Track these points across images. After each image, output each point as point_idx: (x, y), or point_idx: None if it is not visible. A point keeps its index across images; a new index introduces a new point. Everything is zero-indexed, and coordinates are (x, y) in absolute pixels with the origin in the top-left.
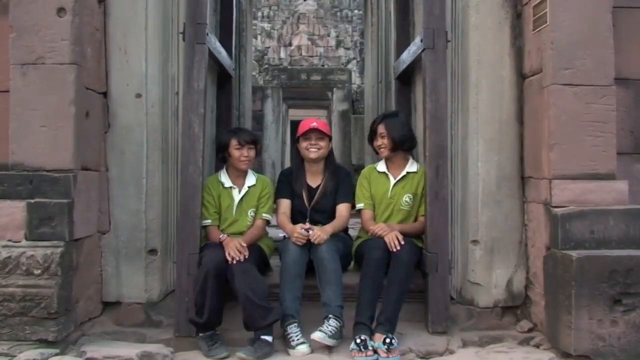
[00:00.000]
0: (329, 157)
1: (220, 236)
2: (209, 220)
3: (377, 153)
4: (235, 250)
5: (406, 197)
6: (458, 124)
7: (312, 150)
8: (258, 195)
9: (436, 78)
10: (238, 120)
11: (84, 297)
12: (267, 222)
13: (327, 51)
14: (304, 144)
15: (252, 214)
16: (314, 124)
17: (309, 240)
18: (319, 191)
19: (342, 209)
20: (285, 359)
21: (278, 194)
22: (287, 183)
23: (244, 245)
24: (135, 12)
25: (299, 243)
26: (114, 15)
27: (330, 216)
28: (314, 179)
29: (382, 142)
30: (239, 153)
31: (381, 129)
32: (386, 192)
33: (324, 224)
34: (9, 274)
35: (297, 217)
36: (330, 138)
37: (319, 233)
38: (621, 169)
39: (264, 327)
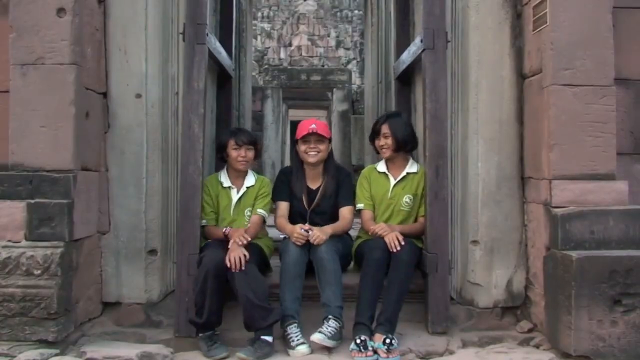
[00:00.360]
0: (328, 159)
1: (224, 229)
2: (205, 221)
3: (378, 153)
4: (237, 244)
5: (406, 198)
6: (458, 124)
7: (311, 153)
8: (255, 195)
9: (436, 78)
10: (238, 121)
11: (83, 297)
12: (264, 220)
13: (327, 51)
14: (302, 147)
15: (249, 213)
16: (313, 126)
17: (308, 240)
18: (319, 193)
19: (345, 212)
20: (285, 359)
21: (276, 196)
22: (286, 184)
23: (248, 238)
24: (135, 12)
25: (298, 243)
26: (114, 16)
27: (331, 218)
28: (314, 181)
29: (385, 142)
30: (237, 153)
31: (385, 129)
32: (386, 193)
33: (323, 225)
34: (9, 274)
35: (296, 219)
36: (329, 140)
37: (319, 234)
38: (621, 169)
39: (264, 328)
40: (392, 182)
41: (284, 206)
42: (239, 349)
